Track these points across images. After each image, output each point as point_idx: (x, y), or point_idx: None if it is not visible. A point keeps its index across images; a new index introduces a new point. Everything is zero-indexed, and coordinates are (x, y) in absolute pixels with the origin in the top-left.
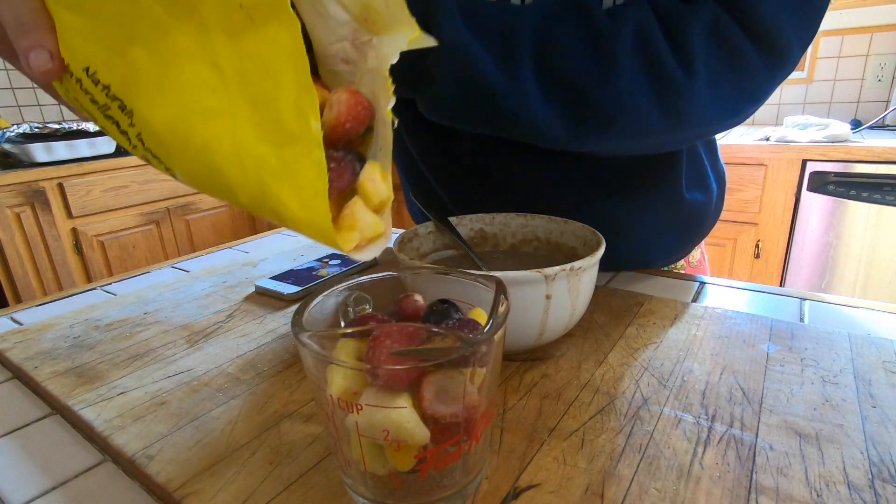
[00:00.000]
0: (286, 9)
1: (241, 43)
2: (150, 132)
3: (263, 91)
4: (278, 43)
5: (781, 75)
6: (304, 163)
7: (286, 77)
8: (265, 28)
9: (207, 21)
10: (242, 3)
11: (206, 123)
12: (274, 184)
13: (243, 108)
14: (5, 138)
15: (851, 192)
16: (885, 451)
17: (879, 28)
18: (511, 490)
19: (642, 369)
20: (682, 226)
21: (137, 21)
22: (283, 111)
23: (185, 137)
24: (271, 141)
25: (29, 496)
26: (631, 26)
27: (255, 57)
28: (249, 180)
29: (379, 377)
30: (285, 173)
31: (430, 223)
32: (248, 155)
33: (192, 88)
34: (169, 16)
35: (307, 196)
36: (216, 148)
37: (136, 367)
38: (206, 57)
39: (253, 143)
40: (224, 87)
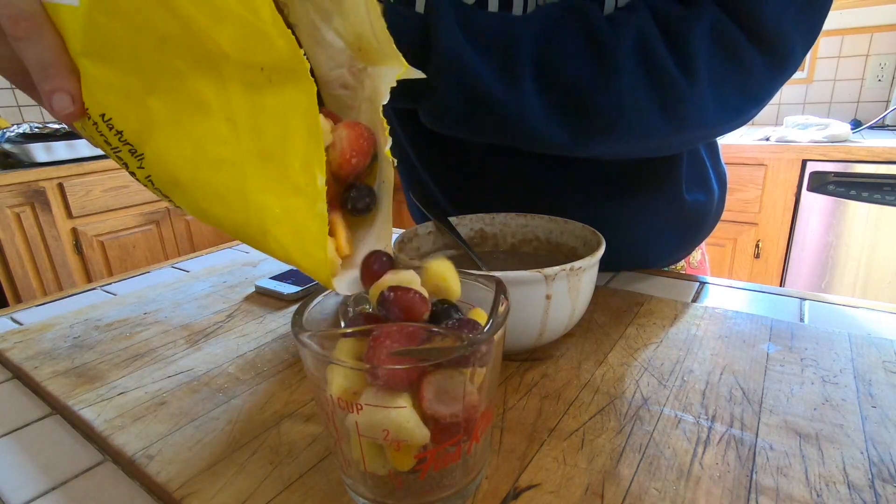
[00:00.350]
0: (305, 75)
1: (258, 100)
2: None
3: (274, 145)
4: (294, 103)
5: (784, 77)
6: (308, 214)
7: (298, 134)
8: (283, 89)
9: (227, 79)
10: (264, 66)
11: (216, 172)
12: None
13: (253, 161)
14: (5, 138)
15: (851, 192)
16: (885, 451)
17: (879, 28)
18: (511, 490)
19: (642, 369)
20: (683, 226)
21: (159, 74)
22: (292, 165)
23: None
24: (277, 192)
25: (29, 496)
26: (631, 32)
27: (270, 114)
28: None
29: (379, 377)
30: (288, 222)
31: (430, 223)
32: (253, 203)
33: (204, 139)
34: (191, 71)
35: (308, 245)
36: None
37: (136, 367)
38: (222, 111)
39: (260, 192)
40: (236, 140)
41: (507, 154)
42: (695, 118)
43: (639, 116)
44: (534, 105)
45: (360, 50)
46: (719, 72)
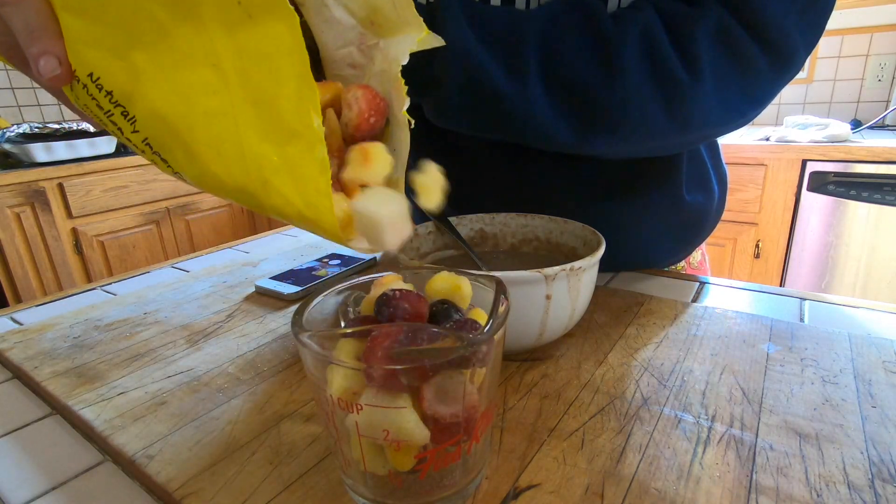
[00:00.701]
0: (284, 4)
1: (241, 41)
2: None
3: (264, 89)
4: (277, 38)
5: (787, 77)
6: (307, 160)
7: (286, 73)
8: (263, 24)
9: (207, 21)
10: (240, 1)
11: (209, 125)
12: (277, 182)
13: (245, 108)
14: (5, 138)
15: (851, 192)
16: (885, 451)
17: (879, 28)
18: (511, 490)
19: (642, 369)
20: (683, 227)
21: (139, 25)
22: (285, 108)
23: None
24: (273, 139)
25: (29, 496)
26: (636, 30)
27: (254, 54)
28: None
29: (375, 378)
30: (288, 171)
31: (430, 223)
32: (251, 154)
33: (193, 91)
34: (170, 18)
35: (310, 193)
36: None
37: (136, 367)
38: (207, 58)
39: (256, 142)
40: (226, 88)
41: (506, 155)
42: (699, 117)
43: (643, 115)
44: (539, 101)
45: (373, 24)
46: (723, 71)
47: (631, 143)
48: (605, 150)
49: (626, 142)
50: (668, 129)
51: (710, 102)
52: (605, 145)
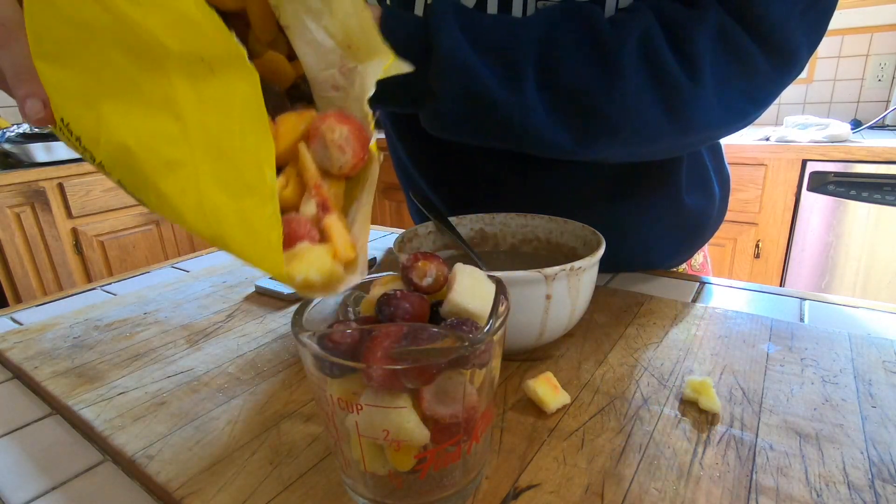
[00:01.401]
0: (244, 62)
1: (203, 94)
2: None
3: (223, 141)
4: (237, 94)
5: (789, 78)
6: (259, 215)
7: (245, 127)
8: (225, 80)
9: (171, 73)
10: (203, 56)
11: (170, 174)
12: (231, 233)
13: (204, 159)
14: (5, 138)
15: (851, 192)
16: (885, 451)
17: (879, 28)
18: (511, 490)
19: (642, 369)
20: (683, 229)
21: (107, 75)
22: (241, 162)
23: (154, 188)
24: (230, 191)
25: (29, 496)
26: (635, 34)
27: (216, 108)
28: (212, 228)
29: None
30: (242, 224)
31: (430, 223)
32: (209, 205)
33: (156, 140)
34: (136, 69)
35: (262, 247)
36: (181, 198)
37: (136, 367)
38: (170, 109)
39: (213, 193)
40: (186, 139)
41: (506, 156)
42: (700, 120)
43: (643, 119)
44: (537, 109)
45: (350, 47)
46: (724, 74)
47: (631, 147)
48: (606, 155)
49: (627, 146)
50: (668, 132)
51: (710, 105)
52: (606, 150)
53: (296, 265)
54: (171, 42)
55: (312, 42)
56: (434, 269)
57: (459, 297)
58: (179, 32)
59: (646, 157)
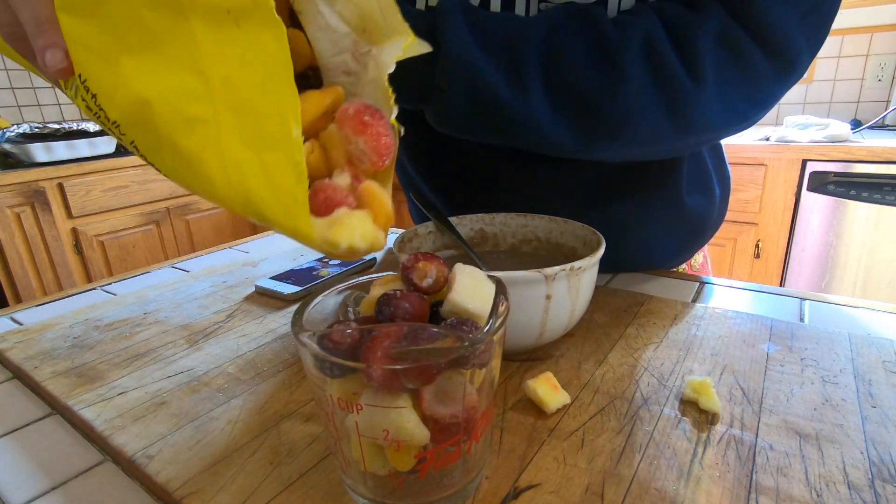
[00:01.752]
0: (271, 14)
1: (227, 48)
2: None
3: (247, 97)
4: (263, 48)
5: (791, 81)
6: (285, 168)
7: (269, 81)
8: (250, 32)
9: (195, 27)
10: (230, 9)
11: (192, 131)
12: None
13: (227, 115)
14: (5, 138)
15: (851, 192)
16: (885, 451)
17: (879, 28)
18: (511, 490)
19: (642, 369)
20: (683, 229)
21: (129, 30)
22: (266, 116)
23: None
24: (254, 146)
25: (29, 496)
26: (638, 35)
27: (239, 62)
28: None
29: (377, 377)
30: (267, 179)
31: (430, 223)
32: (232, 161)
33: (177, 97)
34: (159, 23)
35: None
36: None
37: (136, 367)
38: (193, 65)
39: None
40: (209, 95)
41: (506, 156)
42: (701, 122)
43: (646, 120)
44: (541, 107)
45: (365, 31)
46: (726, 75)
47: (633, 147)
48: (608, 154)
49: (629, 146)
50: (670, 133)
51: (712, 106)
52: (608, 150)
53: (338, 231)
54: None
55: (325, 27)
56: (434, 269)
57: (459, 297)
58: None
59: (647, 157)
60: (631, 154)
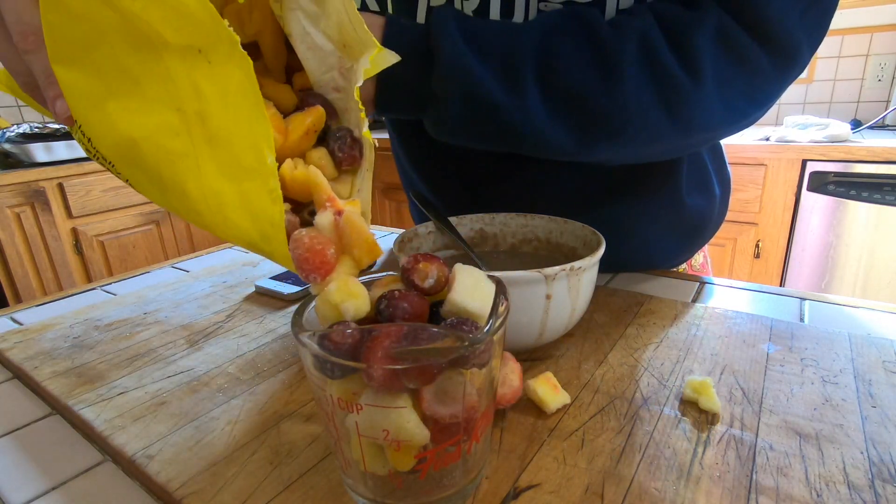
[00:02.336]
0: (237, 49)
1: (202, 84)
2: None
3: (222, 129)
4: (232, 81)
5: (791, 77)
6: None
7: (241, 113)
8: (220, 68)
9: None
10: (201, 48)
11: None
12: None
13: (204, 148)
14: (5, 138)
15: (851, 192)
16: (885, 451)
17: (879, 28)
18: (511, 490)
19: (642, 369)
20: (683, 230)
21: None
22: (240, 147)
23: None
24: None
25: (29, 496)
26: (634, 35)
27: (212, 97)
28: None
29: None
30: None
31: (430, 223)
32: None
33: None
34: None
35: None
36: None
37: (136, 367)
38: (171, 102)
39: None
40: (187, 130)
41: (505, 156)
42: (701, 121)
43: (644, 120)
44: (539, 112)
45: (346, 46)
46: (725, 73)
47: (633, 148)
48: (608, 156)
49: (628, 147)
50: (670, 133)
51: (712, 105)
52: (608, 152)
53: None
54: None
55: (313, 46)
56: (435, 270)
57: (459, 296)
58: (176, 23)
59: (648, 158)
60: (631, 155)
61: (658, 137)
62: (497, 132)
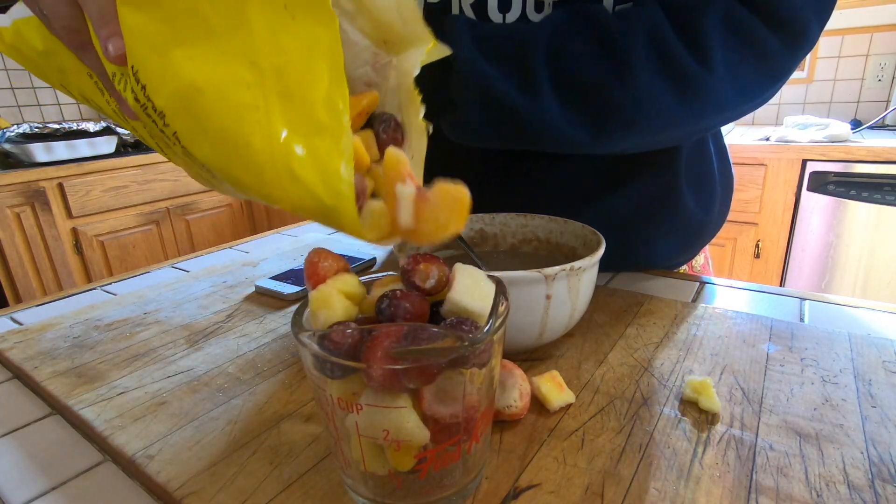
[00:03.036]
0: (326, 7)
1: (282, 39)
2: (184, 130)
3: (298, 85)
4: (316, 38)
5: (801, 54)
6: (332, 152)
7: (321, 71)
8: (304, 25)
9: (252, 20)
10: (286, 4)
11: (241, 118)
12: (302, 173)
13: (276, 102)
14: (5, 138)
15: (851, 192)
16: (885, 451)
17: (879, 28)
18: (511, 490)
19: (642, 369)
20: (684, 230)
21: (187, 22)
22: (316, 103)
23: (220, 133)
24: (301, 132)
25: (29, 496)
26: (642, 26)
27: (293, 53)
28: (279, 170)
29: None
30: (314, 162)
31: None
32: (278, 146)
33: (227, 85)
34: (219, 18)
35: (333, 183)
36: (249, 140)
37: (136, 367)
38: (246, 56)
39: (284, 133)
40: (260, 83)
41: (505, 156)
42: (714, 104)
43: (657, 109)
44: (553, 109)
45: (386, 43)
46: (735, 57)
47: (649, 136)
48: (625, 146)
49: (643, 136)
50: (683, 118)
51: (724, 89)
52: (624, 141)
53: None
54: None
55: (347, 42)
56: (436, 270)
57: (459, 296)
58: None
59: (664, 144)
60: (647, 144)
61: (671, 124)
62: (515, 132)
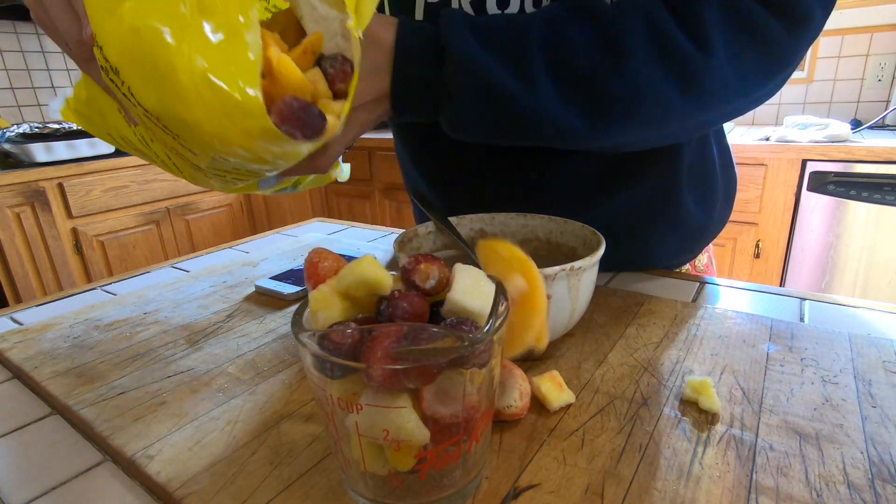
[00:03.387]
0: None
1: None
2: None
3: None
4: None
5: (805, 40)
6: (242, 47)
7: None
8: None
9: None
10: None
11: (167, 47)
12: (217, 74)
13: (197, 20)
14: (5, 138)
15: (851, 192)
16: (885, 451)
17: (879, 28)
18: (511, 490)
19: (642, 369)
20: (684, 230)
21: None
22: (229, 9)
23: (155, 73)
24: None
25: (29, 496)
26: (639, 14)
27: None
28: (199, 84)
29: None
30: (226, 64)
31: (430, 223)
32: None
33: (156, 18)
34: None
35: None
36: (178, 76)
37: (136, 367)
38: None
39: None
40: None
41: (505, 156)
42: (716, 93)
43: (657, 98)
44: (551, 99)
45: (340, 5)
46: (736, 44)
47: (649, 128)
48: (626, 138)
49: (644, 127)
50: (685, 109)
51: (725, 77)
52: (624, 134)
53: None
54: None
55: (318, 19)
56: (436, 271)
57: (459, 296)
58: None
59: (665, 139)
60: (649, 137)
61: (673, 115)
62: (512, 124)
